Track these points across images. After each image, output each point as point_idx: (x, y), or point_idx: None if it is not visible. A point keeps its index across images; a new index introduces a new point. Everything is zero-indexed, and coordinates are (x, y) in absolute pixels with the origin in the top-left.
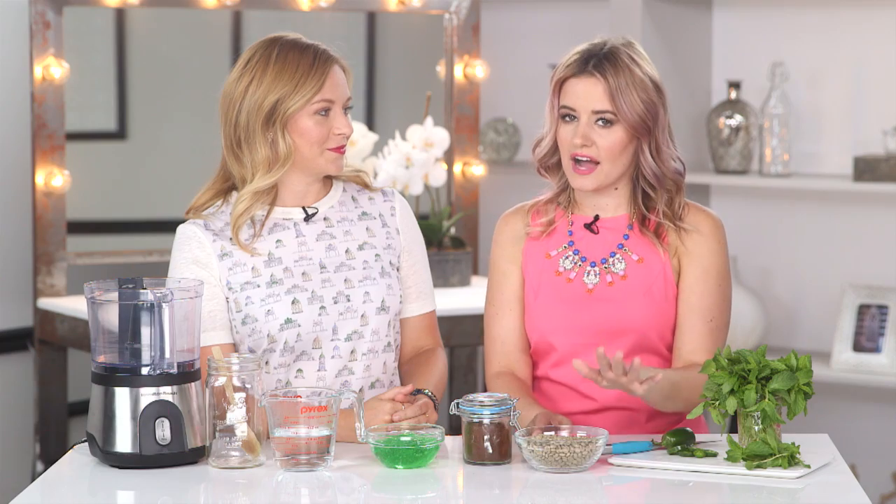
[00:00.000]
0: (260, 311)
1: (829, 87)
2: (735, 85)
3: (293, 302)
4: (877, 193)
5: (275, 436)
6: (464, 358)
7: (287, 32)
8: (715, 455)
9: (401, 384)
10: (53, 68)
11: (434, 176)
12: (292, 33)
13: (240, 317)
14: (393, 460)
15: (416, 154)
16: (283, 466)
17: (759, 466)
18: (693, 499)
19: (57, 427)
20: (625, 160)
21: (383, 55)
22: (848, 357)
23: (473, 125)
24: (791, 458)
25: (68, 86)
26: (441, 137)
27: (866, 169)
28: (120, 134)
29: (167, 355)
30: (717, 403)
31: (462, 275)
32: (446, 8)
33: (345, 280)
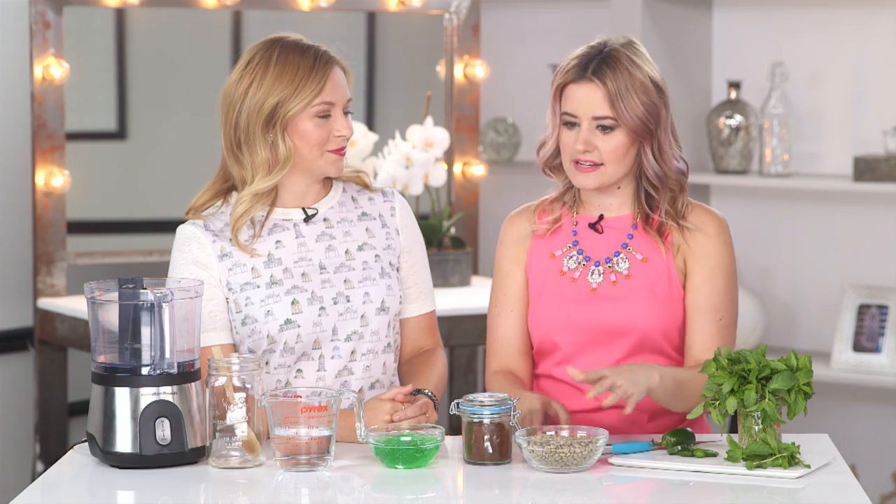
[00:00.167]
0: (260, 312)
1: (829, 87)
2: (735, 85)
3: (293, 303)
4: (877, 193)
5: (275, 436)
6: (464, 358)
7: (288, 33)
8: (715, 455)
9: (400, 384)
10: (53, 68)
11: (434, 176)
12: (293, 34)
13: (240, 317)
14: (393, 460)
15: (416, 154)
16: (283, 466)
17: (759, 466)
18: (693, 499)
19: (57, 427)
20: (628, 161)
21: (383, 55)
22: (848, 357)
23: (473, 125)
24: (791, 458)
25: (68, 86)
26: (441, 137)
27: (866, 169)
28: (120, 134)
29: (167, 355)
30: (717, 403)
31: (462, 275)
32: (446, 8)
33: (344, 281)
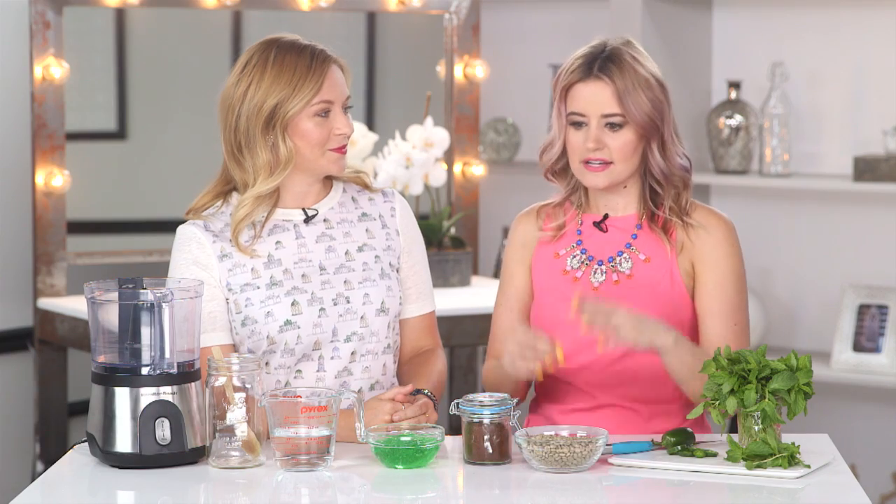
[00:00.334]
0: (260, 313)
1: (829, 87)
2: (735, 85)
3: (293, 304)
4: (877, 193)
5: (275, 436)
6: (464, 358)
7: (284, 34)
8: (715, 455)
9: (400, 384)
10: (53, 68)
11: (434, 176)
12: (289, 34)
13: (239, 318)
14: (393, 460)
15: (416, 154)
16: (283, 466)
17: (759, 466)
18: (693, 499)
19: (57, 427)
20: (636, 159)
21: (383, 55)
22: (848, 357)
23: (473, 125)
24: (791, 458)
25: (68, 86)
26: (441, 137)
27: (866, 169)
28: (120, 134)
29: (167, 355)
30: (717, 403)
31: (462, 275)
32: (446, 8)
33: (344, 282)
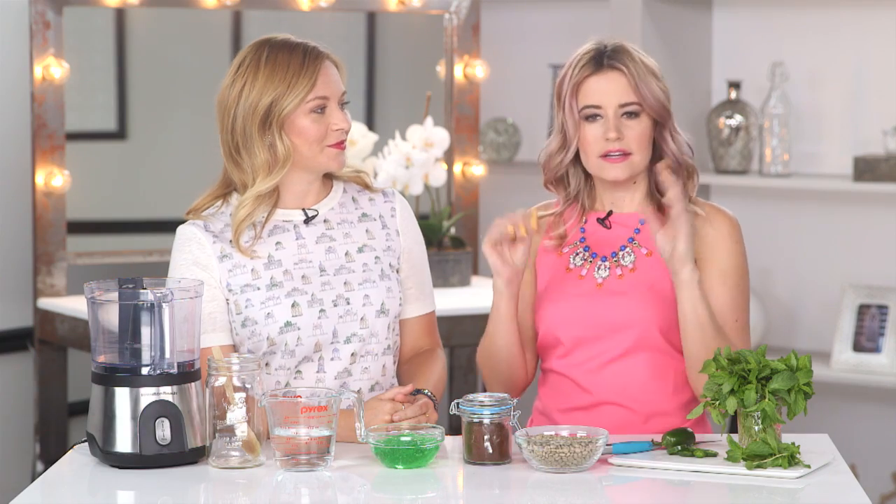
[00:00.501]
0: (260, 314)
1: (829, 87)
2: (735, 85)
3: (293, 305)
4: (877, 193)
5: (275, 436)
6: (464, 358)
7: (276, 34)
8: (715, 455)
9: (400, 384)
10: (53, 68)
11: (434, 176)
12: (281, 34)
13: (239, 319)
14: (393, 460)
15: (416, 154)
16: (283, 466)
17: (759, 466)
18: (693, 499)
19: (57, 427)
20: (650, 150)
21: (383, 55)
22: (848, 357)
23: (473, 125)
24: (791, 458)
25: (68, 86)
26: (441, 137)
27: (866, 169)
28: (120, 134)
29: (167, 355)
30: (717, 403)
31: (462, 275)
32: (446, 8)
33: (344, 283)
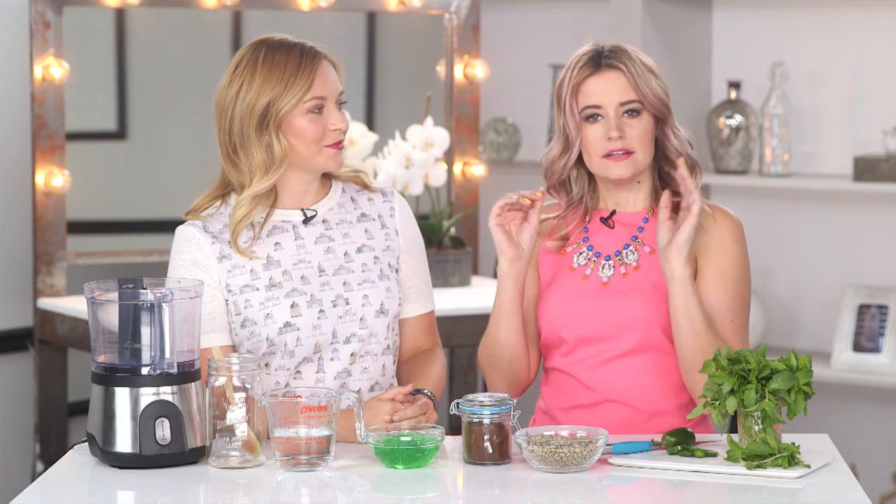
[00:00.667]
0: (259, 315)
1: (829, 87)
2: (735, 85)
3: (292, 306)
4: (877, 193)
5: (275, 436)
6: (464, 358)
7: (273, 34)
8: (715, 455)
9: (399, 384)
10: (53, 68)
11: (434, 176)
12: (279, 34)
13: (239, 320)
14: (393, 460)
15: (416, 154)
16: (283, 466)
17: (759, 466)
18: (693, 499)
19: (57, 427)
20: (652, 148)
21: (383, 55)
22: (848, 357)
23: (473, 125)
24: (791, 458)
25: (68, 86)
26: (441, 137)
27: (866, 169)
28: (120, 134)
29: (167, 355)
30: (717, 403)
31: (462, 275)
32: (446, 8)
33: (343, 283)
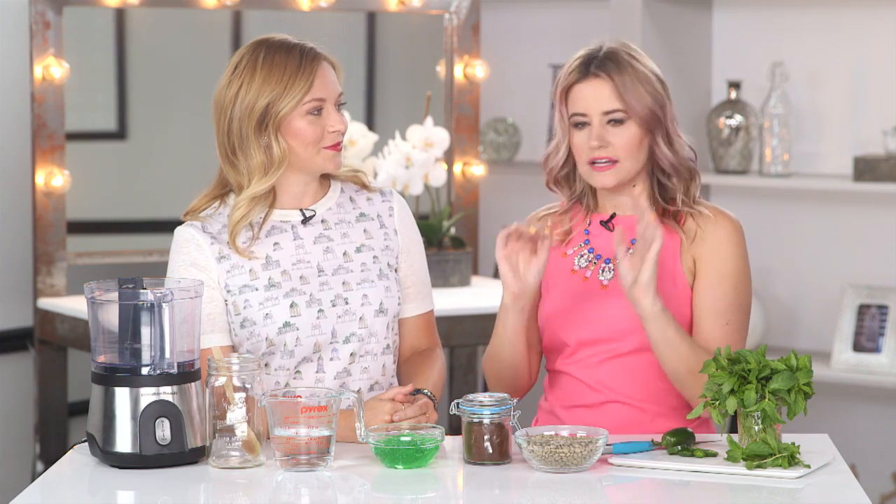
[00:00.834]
0: (258, 315)
1: (829, 87)
2: (735, 85)
3: (291, 305)
4: (877, 193)
5: (275, 436)
6: (464, 358)
7: (274, 34)
8: (715, 455)
9: (399, 384)
10: (53, 68)
11: (434, 176)
12: (279, 34)
13: (238, 320)
14: (393, 460)
15: (416, 154)
16: (283, 466)
17: (759, 466)
18: (693, 499)
19: (57, 427)
20: (642, 155)
21: (383, 55)
22: (848, 357)
23: (473, 125)
24: (791, 458)
25: (68, 86)
26: (441, 137)
27: (866, 169)
28: (120, 134)
29: (167, 355)
30: (717, 403)
31: (462, 275)
32: (446, 8)
33: (343, 283)
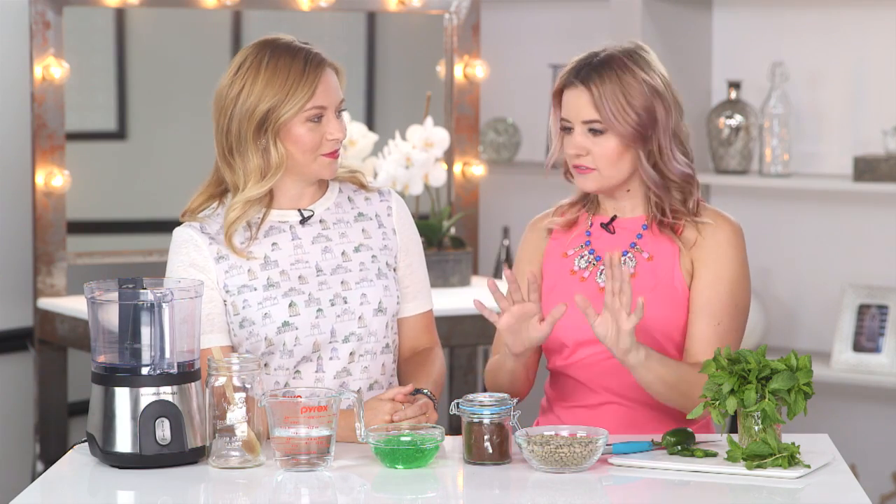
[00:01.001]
0: (257, 315)
1: (829, 87)
2: (735, 85)
3: (290, 305)
4: (877, 193)
5: (275, 436)
6: (464, 358)
7: (280, 35)
8: (715, 455)
9: (399, 384)
10: (53, 68)
11: (434, 176)
12: (286, 35)
13: (237, 320)
14: (393, 460)
15: (416, 154)
16: (283, 466)
17: (759, 466)
18: (693, 499)
19: (57, 427)
20: (624, 166)
21: (383, 55)
22: (848, 357)
23: (473, 125)
24: (791, 458)
25: (68, 86)
26: (441, 137)
27: (866, 169)
28: (120, 134)
29: (167, 355)
30: (717, 403)
31: (462, 275)
32: (446, 8)
33: (341, 282)
